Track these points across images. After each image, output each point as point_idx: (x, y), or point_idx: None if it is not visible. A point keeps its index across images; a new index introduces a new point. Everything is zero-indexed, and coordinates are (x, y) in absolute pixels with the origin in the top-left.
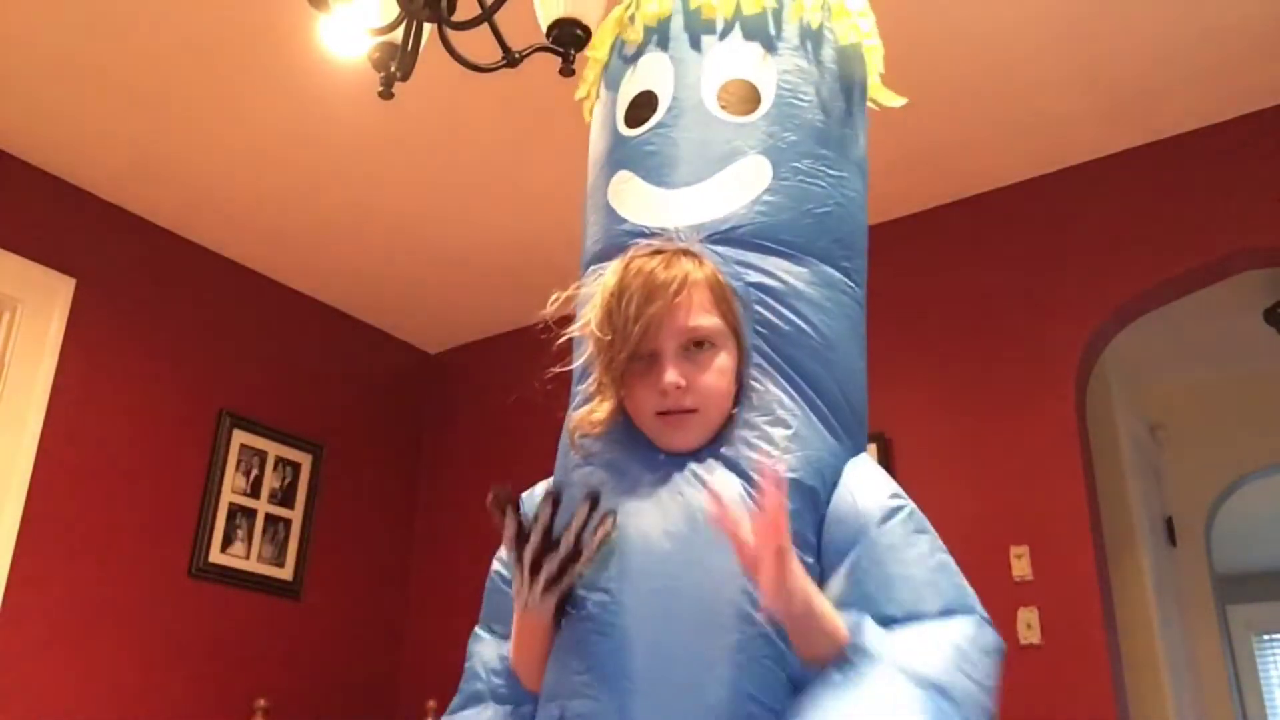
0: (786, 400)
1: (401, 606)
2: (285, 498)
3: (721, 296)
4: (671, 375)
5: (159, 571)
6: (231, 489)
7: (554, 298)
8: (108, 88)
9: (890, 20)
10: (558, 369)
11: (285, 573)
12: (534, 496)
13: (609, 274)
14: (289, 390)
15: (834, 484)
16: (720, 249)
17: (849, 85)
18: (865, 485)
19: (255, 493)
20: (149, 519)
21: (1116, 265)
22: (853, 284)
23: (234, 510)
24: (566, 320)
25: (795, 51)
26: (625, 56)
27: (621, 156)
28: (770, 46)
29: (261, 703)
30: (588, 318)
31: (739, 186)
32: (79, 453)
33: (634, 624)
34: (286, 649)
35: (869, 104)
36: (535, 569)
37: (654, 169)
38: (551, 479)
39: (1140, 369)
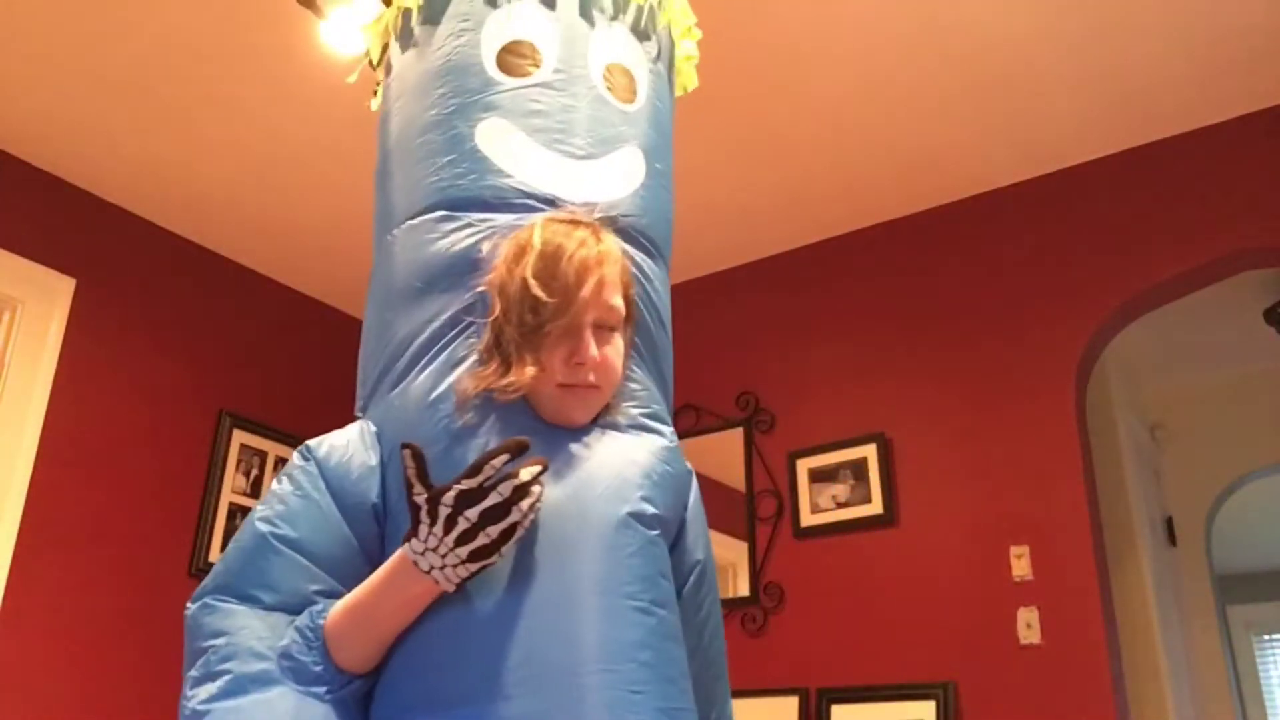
0: (660, 395)
1: None
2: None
3: (629, 279)
4: (590, 351)
5: (159, 571)
6: (231, 489)
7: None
8: (108, 88)
9: (891, 21)
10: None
11: None
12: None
13: (535, 236)
14: (289, 390)
15: (685, 477)
16: (622, 236)
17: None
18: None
19: (255, 493)
20: (149, 519)
21: (1116, 265)
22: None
23: (234, 510)
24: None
25: (657, 59)
26: None
27: (494, 101)
28: (643, 42)
29: None
30: (504, 275)
31: (623, 173)
32: (79, 453)
33: (560, 618)
34: None
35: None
36: (456, 527)
37: (542, 130)
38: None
39: (1140, 369)
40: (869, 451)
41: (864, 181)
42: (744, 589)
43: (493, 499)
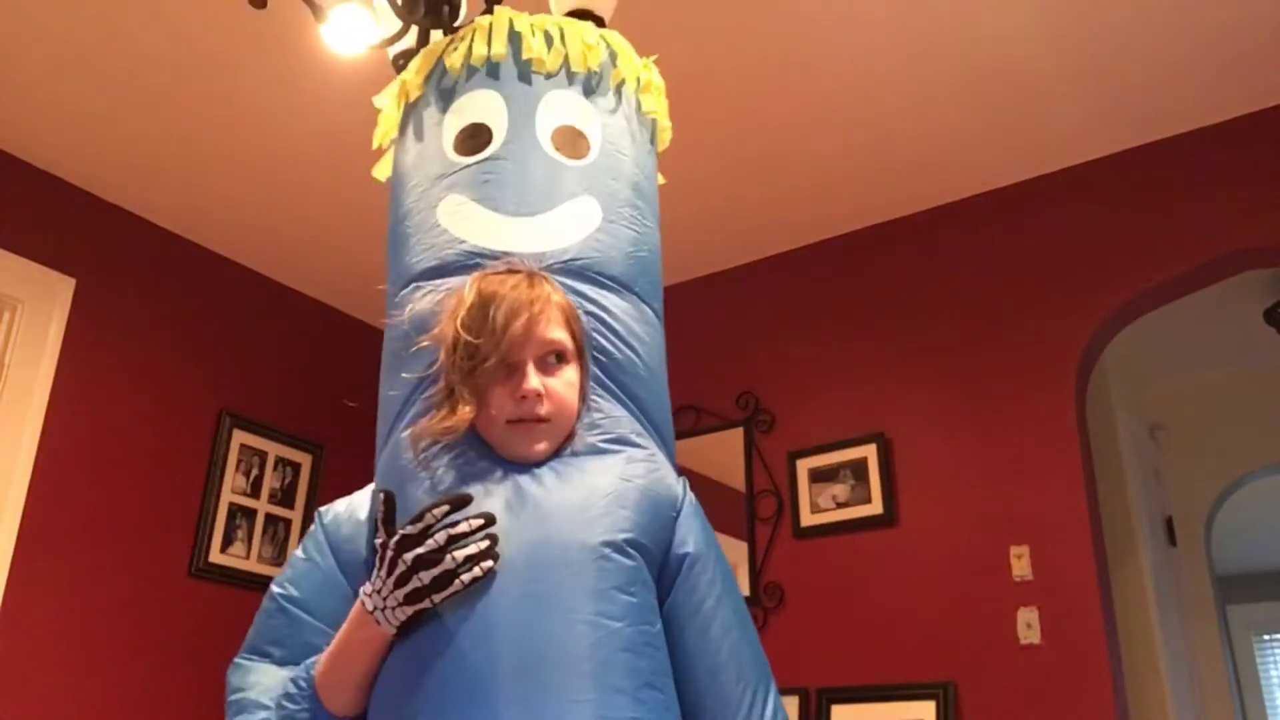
0: (629, 420)
1: None
2: (285, 498)
3: (572, 316)
4: (534, 381)
5: (159, 571)
6: (231, 489)
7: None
8: (108, 88)
9: (891, 21)
10: (414, 374)
11: None
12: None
13: (467, 288)
14: (289, 390)
15: (664, 486)
16: (560, 278)
17: (653, 150)
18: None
19: (255, 493)
20: (149, 519)
21: (1117, 265)
22: (659, 322)
23: (234, 510)
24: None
25: (615, 111)
26: (444, 87)
27: (453, 181)
28: (595, 100)
29: None
30: (445, 327)
31: (575, 222)
32: (79, 453)
33: (502, 636)
34: None
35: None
36: (396, 570)
37: (492, 197)
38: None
39: (1140, 369)
40: (869, 451)
41: (864, 181)
42: (744, 589)
43: (427, 545)
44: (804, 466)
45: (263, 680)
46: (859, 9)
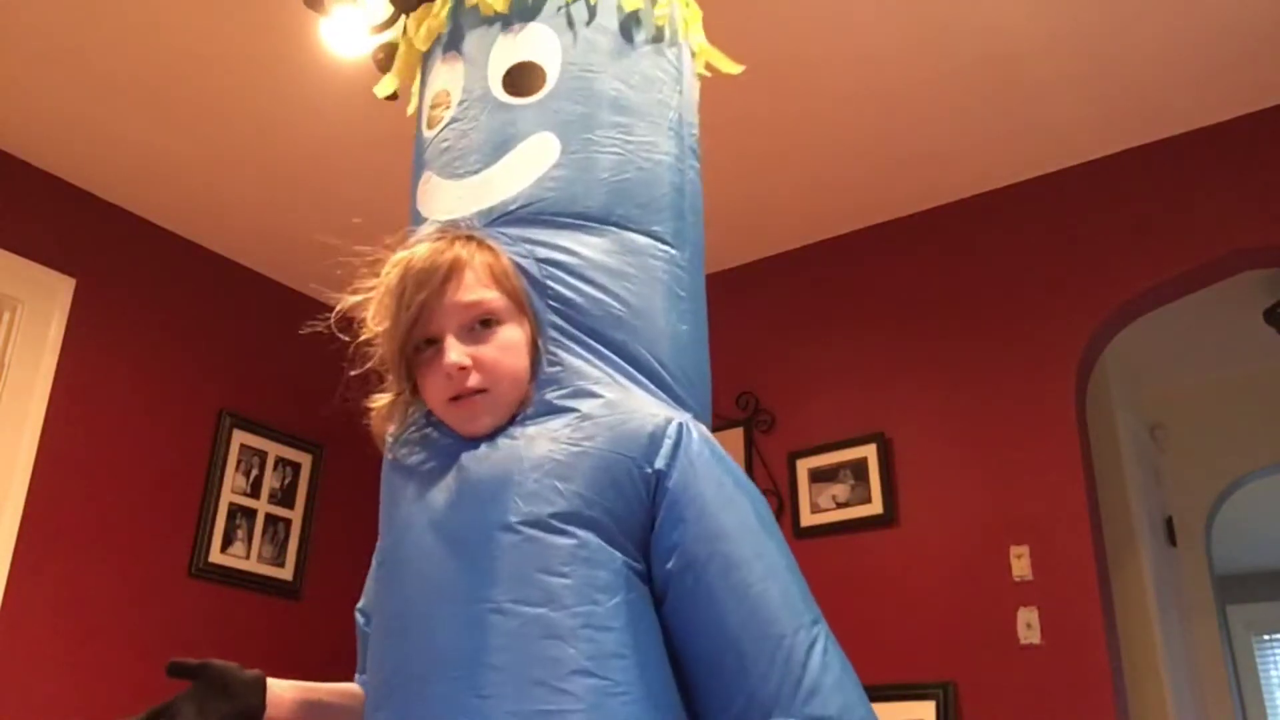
0: (592, 370)
1: None
2: (285, 498)
3: (502, 272)
4: (452, 355)
5: (159, 571)
6: (231, 489)
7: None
8: (108, 88)
9: (891, 22)
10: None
11: (285, 573)
12: None
13: (387, 269)
14: (289, 390)
15: (674, 444)
16: (508, 230)
17: (654, 51)
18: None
19: (255, 493)
20: (149, 519)
21: (1116, 265)
22: (668, 246)
23: (234, 510)
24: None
25: (589, 24)
26: (423, 70)
27: (424, 158)
28: (556, 25)
29: None
30: (370, 314)
31: (524, 166)
32: (79, 453)
33: (410, 634)
34: (286, 649)
35: (702, 71)
36: None
37: (447, 164)
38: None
39: (1140, 369)
40: (869, 451)
41: (864, 182)
42: None
43: None
44: (804, 466)
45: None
46: (859, 9)
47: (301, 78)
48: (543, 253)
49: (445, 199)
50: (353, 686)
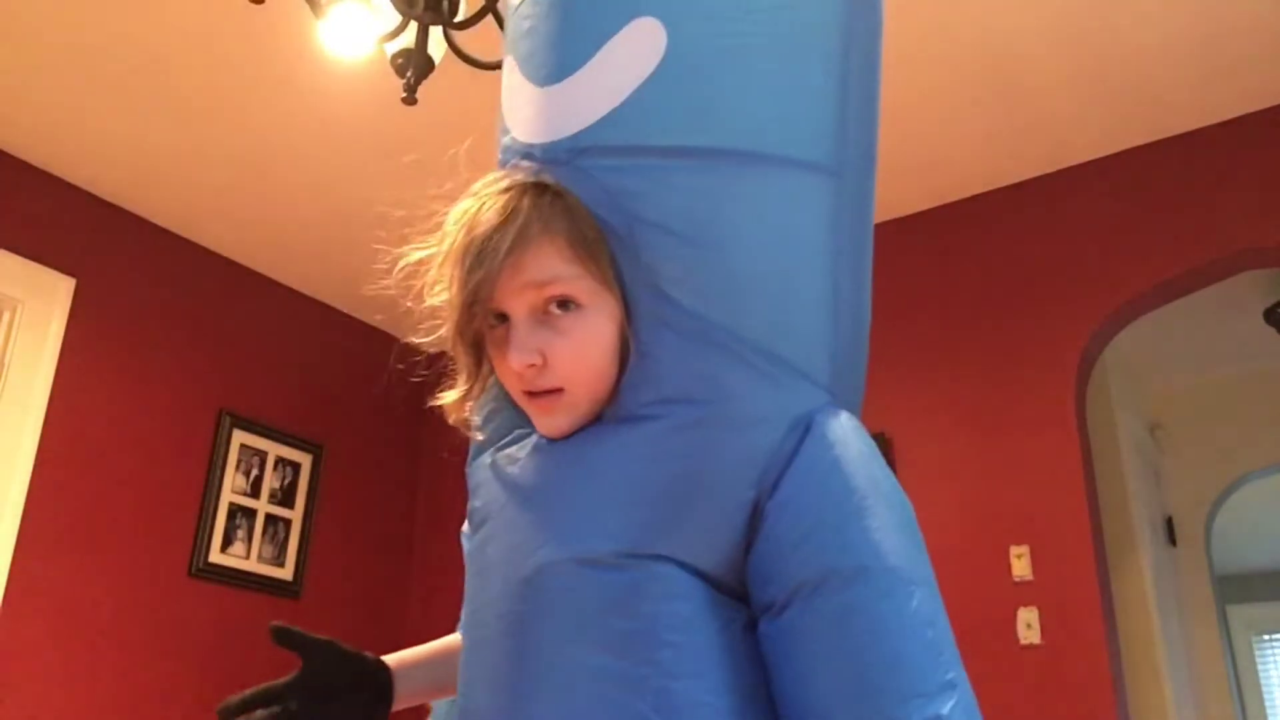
0: (693, 364)
1: (401, 606)
2: (285, 498)
3: (583, 240)
4: (518, 355)
5: (159, 571)
6: (231, 489)
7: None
8: (108, 88)
9: (892, 22)
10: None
11: (285, 573)
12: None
13: (447, 222)
14: (289, 390)
15: (790, 455)
16: (595, 166)
17: None
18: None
19: (255, 493)
20: (149, 519)
21: (1116, 265)
22: (820, 178)
23: (234, 510)
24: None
25: None
26: None
27: (509, 35)
28: None
29: None
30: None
31: (622, 69)
32: (79, 452)
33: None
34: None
35: None
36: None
37: (528, 56)
38: None
39: (1140, 369)
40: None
41: None
42: None
43: None
44: None
45: None
46: None
47: (301, 78)
48: (639, 203)
49: (524, 111)
50: (451, 640)
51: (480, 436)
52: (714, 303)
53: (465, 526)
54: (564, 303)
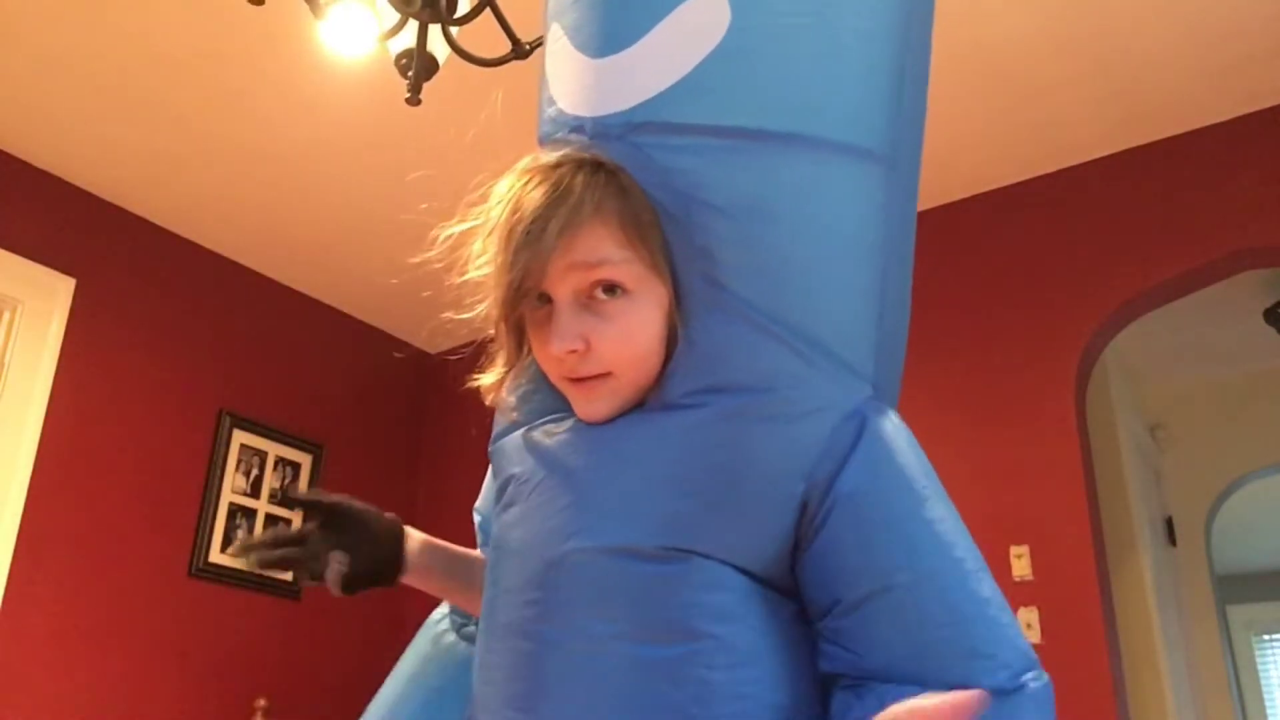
0: (740, 353)
1: (401, 606)
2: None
3: (635, 222)
4: (560, 342)
5: (159, 571)
6: (231, 489)
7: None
8: (108, 88)
9: None
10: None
11: (285, 573)
12: None
13: (493, 197)
14: (289, 390)
15: (845, 451)
16: (649, 144)
17: None
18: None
19: (255, 493)
20: (149, 519)
21: (1116, 265)
22: (872, 168)
23: (234, 510)
24: None
25: None
26: None
27: (552, 6)
28: None
29: (261, 703)
30: (473, 253)
31: (682, 43)
32: (79, 453)
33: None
34: (286, 649)
35: None
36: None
37: (577, 27)
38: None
39: (1140, 369)
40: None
41: None
42: None
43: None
44: None
45: None
46: None
47: (300, 78)
48: (696, 184)
49: (573, 83)
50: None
51: (515, 416)
52: (767, 290)
53: (479, 503)
54: (610, 287)
